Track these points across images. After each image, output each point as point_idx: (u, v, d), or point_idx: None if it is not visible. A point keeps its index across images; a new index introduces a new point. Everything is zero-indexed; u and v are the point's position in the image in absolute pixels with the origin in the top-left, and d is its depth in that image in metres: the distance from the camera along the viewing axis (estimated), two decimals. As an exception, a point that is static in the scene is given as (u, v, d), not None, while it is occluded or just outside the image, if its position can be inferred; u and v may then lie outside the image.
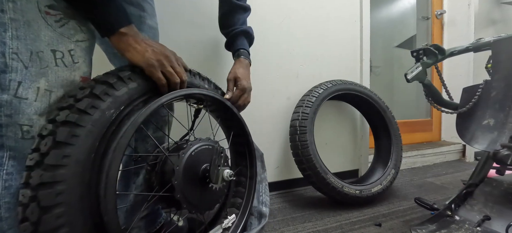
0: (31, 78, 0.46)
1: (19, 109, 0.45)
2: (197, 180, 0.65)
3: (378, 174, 1.28)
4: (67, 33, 0.50)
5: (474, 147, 0.93)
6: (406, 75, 0.96)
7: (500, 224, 0.76)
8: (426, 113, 2.16)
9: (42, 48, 0.47)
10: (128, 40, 0.56)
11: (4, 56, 0.45)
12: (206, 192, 0.67)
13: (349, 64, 1.49)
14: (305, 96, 1.21)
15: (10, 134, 0.45)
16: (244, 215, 0.82)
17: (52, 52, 0.48)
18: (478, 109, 0.97)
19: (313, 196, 1.25)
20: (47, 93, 0.48)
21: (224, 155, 0.70)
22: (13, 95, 0.45)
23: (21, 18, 0.45)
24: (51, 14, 0.48)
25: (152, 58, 0.57)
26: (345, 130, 1.50)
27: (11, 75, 0.45)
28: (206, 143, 0.68)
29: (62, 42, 0.49)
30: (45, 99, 0.48)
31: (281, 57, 1.31)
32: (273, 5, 1.28)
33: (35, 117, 0.47)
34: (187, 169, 0.62)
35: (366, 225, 0.95)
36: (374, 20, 1.74)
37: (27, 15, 0.46)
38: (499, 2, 2.04)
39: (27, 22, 0.46)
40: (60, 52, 0.49)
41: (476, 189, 0.89)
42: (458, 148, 1.96)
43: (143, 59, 0.57)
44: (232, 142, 0.86)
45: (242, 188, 0.86)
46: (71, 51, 0.50)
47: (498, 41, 0.96)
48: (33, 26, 0.46)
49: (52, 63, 0.48)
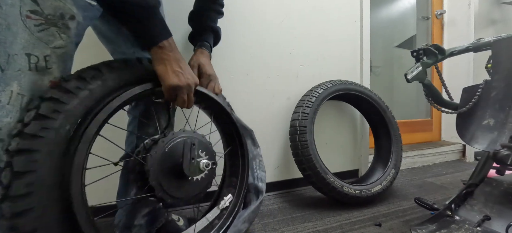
0: (6, 81, 0.46)
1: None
2: (176, 174, 0.65)
3: (378, 174, 1.28)
4: (45, 38, 0.49)
5: (474, 147, 0.93)
6: (406, 75, 0.96)
7: (500, 224, 0.76)
8: (426, 113, 2.16)
9: (17, 51, 0.46)
10: (165, 54, 0.61)
11: None
12: (188, 184, 0.67)
13: (349, 64, 1.49)
14: (305, 96, 1.21)
15: None
16: (240, 194, 0.83)
17: (27, 56, 0.47)
18: (478, 109, 0.97)
19: (313, 196, 1.25)
20: (19, 97, 0.47)
21: (196, 146, 0.69)
22: None
23: (3, 22, 0.45)
24: (32, 18, 0.47)
25: (179, 84, 0.62)
26: (345, 130, 1.50)
27: None
28: (181, 136, 0.68)
29: (38, 47, 0.48)
30: (17, 103, 0.47)
31: (281, 57, 1.31)
32: (273, 5, 1.28)
33: (5, 120, 0.46)
34: (163, 166, 0.63)
35: (366, 225, 0.95)
36: (374, 20, 1.74)
37: (8, 19, 0.45)
38: (499, 2, 2.04)
39: (8, 25, 0.45)
40: (35, 56, 0.48)
41: (476, 189, 0.89)
42: (458, 148, 1.96)
43: (171, 81, 0.61)
44: (217, 124, 0.88)
45: (236, 168, 0.87)
46: (46, 56, 0.50)
47: (498, 41, 0.96)
48: (12, 28, 0.46)
49: (25, 67, 0.47)
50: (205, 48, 0.90)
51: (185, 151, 0.65)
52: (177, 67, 0.63)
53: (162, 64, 0.61)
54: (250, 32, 1.24)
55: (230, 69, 1.20)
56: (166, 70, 0.61)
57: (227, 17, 1.16)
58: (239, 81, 1.22)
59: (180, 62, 0.63)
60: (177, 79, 0.62)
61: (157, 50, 0.60)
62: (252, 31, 1.24)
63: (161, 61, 0.61)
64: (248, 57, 1.24)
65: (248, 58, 1.24)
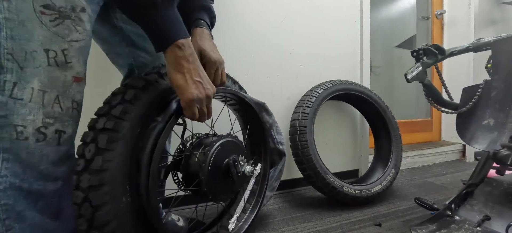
0: (26, 79, 0.46)
1: (14, 109, 0.45)
2: (220, 173, 0.70)
3: (378, 174, 1.28)
4: (61, 32, 0.49)
5: (474, 147, 0.93)
6: (406, 75, 0.96)
7: (500, 224, 0.76)
8: (426, 113, 2.16)
9: (36, 47, 0.46)
10: (184, 58, 0.53)
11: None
12: (228, 183, 0.72)
13: (349, 64, 1.49)
14: (305, 96, 1.21)
15: (5, 135, 0.45)
16: (266, 159, 0.93)
17: (45, 51, 0.47)
18: (478, 109, 0.97)
19: (313, 196, 1.25)
20: (41, 93, 0.47)
21: (237, 159, 0.73)
22: (8, 96, 0.44)
23: (16, 18, 0.45)
24: (46, 13, 0.47)
25: (200, 96, 0.56)
26: (345, 130, 1.50)
27: (6, 76, 0.45)
28: (227, 138, 0.73)
29: (55, 41, 0.48)
30: (39, 100, 0.47)
31: (281, 57, 1.31)
32: (273, 5, 1.28)
33: (29, 118, 0.46)
34: (212, 164, 0.66)
35: (366, 225, 0.95)
36: (374, 20, 1.74)
37: (21, 15, 0.45)
38: (499, 2, 2.04)
39: (21, 21, 0.45)
40: (53, 51, 0.48)
41: (476, 189, 0.89)
42: (458, 148, 1.96)
43: (192, 94, 0.55)
44: (239, 115, 0.95)
45: (258, 143, 0.95)
46: (64, 50, 0.49)
47: (498, 41, 0.96)
48: (27, 25, 0.45)
49: (44, 62, 0.47)
50: (204, 27, 0.75)
51: (231, 171, 0.70)
52: (197, 76, 0.56)
53: (180, 73, 0.54)
54: (250, 32, 1.24)
55: (230, 69, 1.19)
56: (185, 81, 0.54)
57: (227, 17, 1.16)
58: (239, 81, 1.22)
59: (199, 70, 0.57)
60: (198, 91, 0.55)
61: (174, 51, 0.52)
62: (252, 31, 1.24)
63: (180, 68, 0.53)
64: (248, 57, 1.24)
65: (248, 58, 1.24)
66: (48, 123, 0.48)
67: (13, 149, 0.45)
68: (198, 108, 0.58)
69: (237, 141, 0.77)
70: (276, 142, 0.97)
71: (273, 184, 0.97)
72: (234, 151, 0.74)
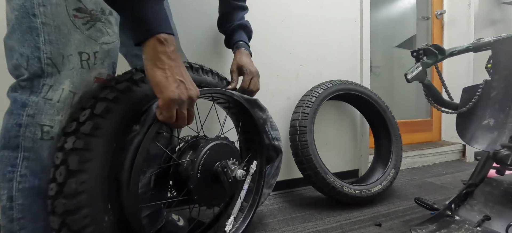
0: (60, 81, 0.47)
1: (43, 109, 0.46)
2: (210, 179, 0.67)
3: (378, 174, 1.28)
4: (94, 35, 0.50)
5: (474, 147, 0.93)
6: (406, 75, 0.96)
7: (500, 224, 0.76)
8: (426, 113, 2.16)
9: (72, 51, 0.47)
10: (165, 54, 0.47)
11: (40, 62, 0.45)
12: (220, 188, 0.69)
13: (349, 64, 1.49)
14: (305, 96, 1.21)
15: (28, 134, 0.45)
16: (262, 156, 0.91)
17: (79, 54, 0.48)
18: (478, 109, 0.97)
19: (313, 196, 1.25)
20: (71, 94, 0.48)
21: (227, 164, 0.70)
22: (43, 97, 0.46)
23: (51, 22, 0.45)
24: (78, 17, 0.48)
25: (181, 97, 0.50)
26: (345, 130, 1.50)
27: (45, 80, 0.46)
28: (215, 141, 0.70)
29: (88, 44, 0.49)
30: (68, 101, 0.48)
31: (281, 57, 1.31)
32: (273, 5, 1.28)
33: (57, 118, 0.47)
34: (201, 171, 0.64)
35: (366, 225, 0.95)
36: (374, 20, 1.74)
37: (57, 19, 0.46)
38: (499, 2, 2.04)
39: (57, 26, 0.46)
40: (86, 54, 0.49)
41: (476, 189, 0.89)
42: (458, 148, 1.96)
43: (172, 93, 0.48)
44: (231, 113, 0.93)
45: (253, 140, 0.94)
46: (96, 53, 0.50)
47: (498, 41, 0.96)
48: (63, 30, 0.46)
49: (78, 65, 0.48)
50: (242, 47, 0.91)
51: (221, 179, 0.67)
52: (179, 74, 0.50)
53: (160, 69, 0.47)
54: (250, 32, 1.24)
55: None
56: (166, 78, 0.48)
57: (227, 17, 1.16)
58: (239, 80, 1.22)
59: (182, 69, 0.51)
60: (179, 91, 0.49)
61: (154, 45, 0.46)
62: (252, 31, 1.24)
63: (160, 64, 0.47)
64: (248, 57, 1.24)
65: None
66: None
67: (35, 149, 0.45)
68: (177, 111, 0.51)
69: (227, 143, 0.73)
70: (271, 138, 0.96)
71: (270, 181, 0.96)
72: (225, 153, 0.71)
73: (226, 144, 0.73)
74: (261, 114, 0.93)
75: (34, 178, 0.45)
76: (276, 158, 0.98)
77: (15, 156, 0.45)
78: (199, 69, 0.73)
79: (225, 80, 0.84)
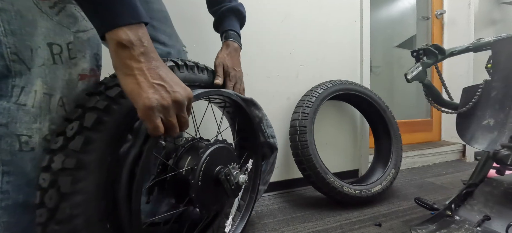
0: (31, 81, 0.39)
1: (17, 117, 0.39)
2: (212, 185, 0.65)
3: (378, 174, 1.28)
4: (65, 21, 0.40)
5: (474, 147, 0.93)
6: (406, 75, 0.96)
7: (500, 224, 0.76)
8: (426, 113, 2.16)
9: (40, 43, 0.39)
10: (127, 57, 0.38)
11: (3, 58, 0.37)
12: (220, 191, 0.67)
13: (349, 64, 1.49)
14: (305, 96, 1.21)
15: (4, 147, 0.39)
16: (257, 153, 0.89)
17: (49, 46, 0.39)
18: (478, 109, 0.96)
19: (313, 196, 1.25)
20: (46, 97, 0.40)
21: (229, 170, 0.68)
22: (14, 102, 0.39)
23: (11, 7, 0.37)
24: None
25: (153, 102, 0.40)
26: (345, 130, 1.50)
27: (14, 80, 0.38)
28: (216, 145, 0.67)
29: (60, 33, 0.40)
30: (44, 105, 0.40)
31: (281, 57, 1.31)
32: (273, 5, 1.28)
33: (34, 126, 0.40)
34: (202, 179, 0.62)
35: (366, 225, 0.95)
36: (374, 20, 1.74)
37: (17, 3, 0.37)
38: (499, 2, 2.04)
39: (18, 11, 0.37)
40: (57, 46, 0.40)
41: (476, 189, 0.89)
42: (458, 148, 1.96)
43: (141, 98, 0.39)
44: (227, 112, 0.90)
45: (247, 137, 0.91)
46: (69, 44, 0.41)
47: (498, 41, 0.96)
48: (26, 16, 0.38)
49: (49, 60, 0.40)
50: (231, 39, 0.81)
51: (225, 186, 0.65)
52: (156, 77, 0.41)
53: (129, 76, 0.39)
54: (250, 31, 1.24)
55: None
56: (138, 85, 0.39)
57: (227, 17, 1.16)
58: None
59: (160, 69, 0.42)
60: (158, 96, 0.40)
61: (115, 49, 0.38)
62: (252, 31, 1.24)
63: (127, 70, 0.39)
64: (248, 57, 1.24)
65: (248, 58, 1.24)
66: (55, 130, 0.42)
67: (15, 161, 0.39)
68: (162, 119, 0.43)
69: (225, 145, 0.70)
70: (266, 136, 0.93)
71: (266, 178, 0.95)
72: (224, 157, 0.69)
73: (225, 147, 0.70)
74: (257, 112, 0.90)
75: (18, 194, 0.40)
76: (271, 155, 0.96)
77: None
78: (194, 67, 0.66)
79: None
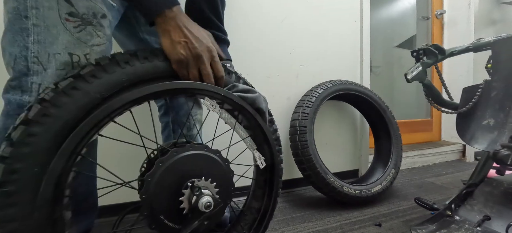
0: (48, 80, 0.48)
1: None
2: (173, 198, 0.51)
3: (378, 174, 1.28)
4: (84, 38, 0.52)
5: (474, 147, 0.93)
6: (406, 75, 0.96)
7: (500, 224, 0.76)
8: (426, 113, 2.16)
9: (59, 50, 0.49)
10: (167, 24, 0.53)
11: (26, 60, 0.47)
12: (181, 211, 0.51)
13: (349, 64, 1.49)
14: (305, 96, 1.21)
15: None
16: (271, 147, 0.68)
17: (69, 55, 0.50)
18: (478, 109, 0.96)
19: (313, 196, 1.25)
20: None
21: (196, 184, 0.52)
22: (36, 96, 0.46)
23: (42, 24, 0.48)
24: (70, 20, 0.50)
25: (182, 54, 0.53)
26: (345, 130, 1.50)
27: (33, 78, 0.48)
28: (184, 153, 0.52)
29: (79, 47, 0.51)
30: None
31: (281, 57, 1.31)
32: (274, 5, 1.28)
33: None
34: (159, 195, 0.49)
35: (366, 225, 0.95)
36: (374, 20, 1.74)
37: (48, 21, 0.48)
38: (499, 2, 2.04)
39: (47, 27, 0.48)
40: (76, 55, 0.51)
41: (476, 189, 0.89)
42: (458, 148, 1.96)
43: (173, 52, 0.53)
44: None
45: None
46: (86, 55, 0.52)
47: (498, 41, 0.96)
48: (52, 31, 0.48)
49: (69, 66, 0.50)
50: None
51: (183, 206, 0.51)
52: (181, 35, 0.53)
53: (164, 37, 0.54)
54: (250, 32, 1.24)
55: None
56: (170, 44, 0.53)
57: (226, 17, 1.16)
58: (239, 81, 1.22)
59: (184, 29, 0.54)
60: (183, 51, 0.53)
61: (159, 21, 0.53)
62: (252, 31, 1.24)
63: (164, 34, 0.54)
64: (248, 57, 1.24)
65: (248, 58, 1.24)
66: None
67: None
68: (191, 71, 0.55)
69: (206, 153, 0.55)
70: None
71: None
72: (207, 168, 0.55)
73: (205, 156, 0.55)
74: (266, 105, 0.74)
75: None
76: None
77: None
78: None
79: (243, 79, 0.70)
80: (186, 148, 0.53)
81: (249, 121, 0.65)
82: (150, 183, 0.48)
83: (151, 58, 0.52)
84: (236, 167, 0.62)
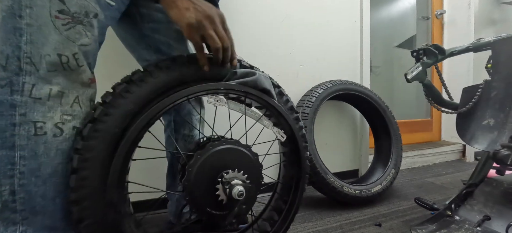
0: (43, 81, 0.48)
1: (34, 107, 0.47)
2: (209, 184, 0.58)
3: (378, 174, 1.28)
4: (72, 36, 0.51)
5: (474, 147, 0.93)
6: (406, 75, 0.96)
7: (500, 224, 0.76)
8: (426, 113, 2.16)
9: (49, 51, 0.48)
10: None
11: (19, 60, 0.47)
12: (216, 198, 0.58)
13: (349, 64, 1.49)
14: (305, 96, 1.21)
15: (23, 132, 0.46)
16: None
17: (58, 56, 0.49)
18: (478, 109, 0.97)
19: (313, 196, 1.25)
20: (60, 93, 0.50)
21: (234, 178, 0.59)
22: (28, 96, 0.47)
23: (35, 23, 0.47)
24: (60, 18, 0.49)
25: (192, 17, 0.54)
26: (345, 130, 1.50)
27: (25, 78, 0.47)
28: (227, 145, 0.60)
29: (67, 46, 0.50)
30: (57, 99, 0.49)
31: (281, 57, 1.31)
32: (273, 5, 1.28)
33: (49, 115, 0.48)
34: (199, 175, 0.56)
35: (366, 225, 0.95)
36: (374, 20, 1.74)
37: (40, 20, 0.47)
38: (499, 2, 2.04)
39: (39, 26, 0.47)
40: (65, 56, 0.50)
41: (476, 189, 0.89)
42: (458, 148, 1.96)
43: (183, 18, 0.54)
44: None
45: None
46: (75, 54, 0.51)
47: (498, 41, 0.96)
48: (43, 30, 0.48)
49: (60, 67, 0.50)
50: None
51: (218, 193, 0.57)
52: (188, 2, 0.55)
53: (171, 9, 0.55)
54: (250, 32, 1.24)
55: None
56: (178, 11, 0.55)
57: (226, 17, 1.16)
58: (239, 81, 1.23)
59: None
60: (192, 14, 0.54)
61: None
62: (252, 31, 1.24)
63: (170, 6, 0.55)
64: (248, 57, 1.24)
65: (247, 58, 1.23)
66: (66, 120, 0.50)
67: (30, 146, 0.47)
68: (206, 34, 0.56)
69: (240, 149, 0.62)
70: None
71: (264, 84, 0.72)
72: (240, 162, 0.61)
73: (239, 151, 0.61)
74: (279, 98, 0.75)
75: (31, 176, 0.47)
76: None
77: (12, 155, 0.46)
78: None
79: (279, 88, 0.71)
80: (220, 143, 0.60)
81: (258, 102, 0.68)
82: (191, 173, 0.56)
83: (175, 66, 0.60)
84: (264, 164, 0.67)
